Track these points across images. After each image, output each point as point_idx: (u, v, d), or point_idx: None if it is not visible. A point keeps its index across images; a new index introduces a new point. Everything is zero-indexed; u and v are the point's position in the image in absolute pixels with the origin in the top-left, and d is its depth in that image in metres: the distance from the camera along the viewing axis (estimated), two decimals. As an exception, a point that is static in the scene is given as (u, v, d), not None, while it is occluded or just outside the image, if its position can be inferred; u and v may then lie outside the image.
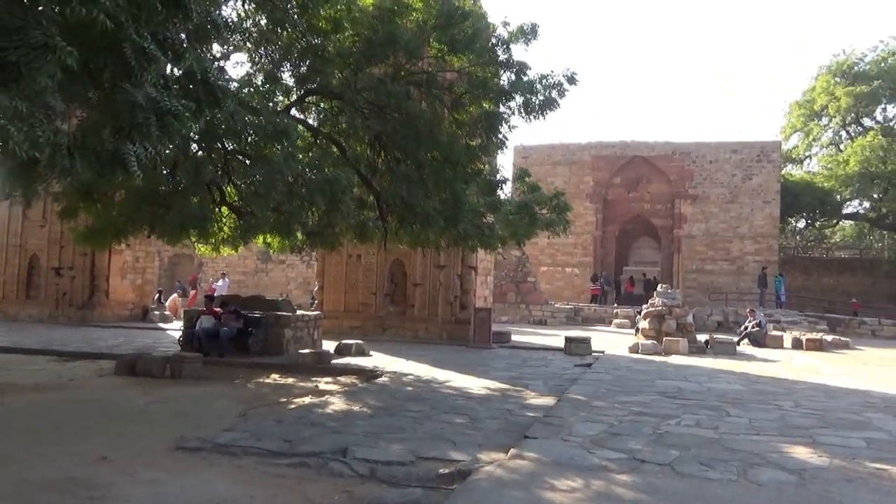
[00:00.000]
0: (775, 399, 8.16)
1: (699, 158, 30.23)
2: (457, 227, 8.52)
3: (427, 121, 8.64)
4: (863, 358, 14.42)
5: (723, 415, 7.06)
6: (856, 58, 34.11)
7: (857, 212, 34.71)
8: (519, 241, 10.32)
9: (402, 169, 8.30)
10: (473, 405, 7.79)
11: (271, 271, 29.33)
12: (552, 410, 7.13)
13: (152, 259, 21.35)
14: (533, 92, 8.64)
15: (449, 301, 15.75)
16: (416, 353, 13.17)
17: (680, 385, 9.25)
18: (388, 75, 8.68)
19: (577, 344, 13.76)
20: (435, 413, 7.23)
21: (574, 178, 31.31)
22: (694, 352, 14.06)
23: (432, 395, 8.41)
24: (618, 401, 7.83)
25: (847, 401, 8.17)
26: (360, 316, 16.34)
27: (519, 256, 25.01)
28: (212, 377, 10.39)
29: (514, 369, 11.14)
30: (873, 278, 32.61)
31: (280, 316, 12.57)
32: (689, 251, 30.09)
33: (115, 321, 18.91)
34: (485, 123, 8.14)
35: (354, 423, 6.69)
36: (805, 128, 36.86)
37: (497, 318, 24.06)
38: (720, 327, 22.01)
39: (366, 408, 7.53)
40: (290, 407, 7.78)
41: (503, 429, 6.54)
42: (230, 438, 5.90)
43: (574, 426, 6.30)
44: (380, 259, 16.24)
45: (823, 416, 7.06)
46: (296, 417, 6.91)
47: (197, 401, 8.29)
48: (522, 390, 9.01)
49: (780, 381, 10.07)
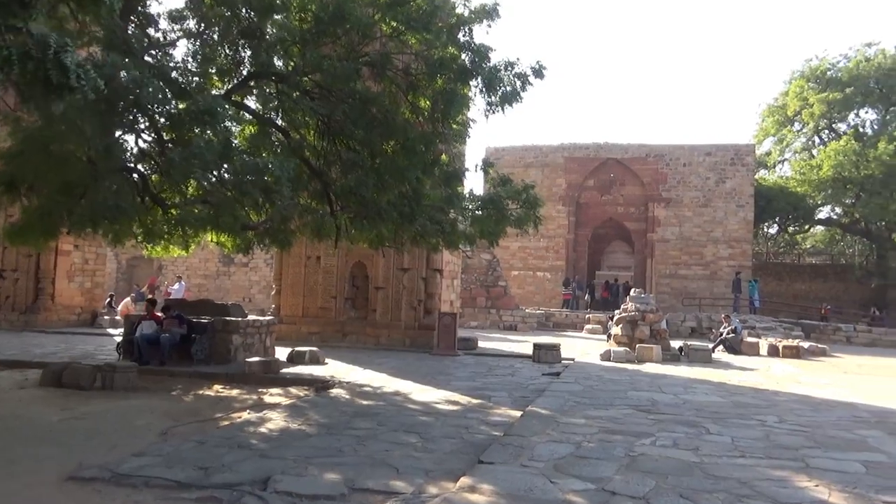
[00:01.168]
0: (757, 413, 7.51)
1: (673, 161, 29.88)
2: (413, 223, 7.73)
3: (382, 105, 7.86)
4: (841, 366, 13.96)
5: (702, 432, 6.37)
6: (828, 63, 34.18)
7: (830, 217, 34.73)
8: (490, 241, 9.56)
9: (351, 157, 7.50)
10: (428, 421, 7.00)
11: (234, 274, 28.22)
12: (513, 428, 6.37)
13: (103, 261, 20.17)
14: (496, 77, 7.91)
15: (413, 306, 14.94)
16: (376, 361, 12.35)
17: (654, 397, 8.57)
18: (339, 56, 7.88)
19: (547, 351, 13.06)
20: (383, 431, 6.43)
21: (546, 181, 30.75)
22: (668, 359, 13.45)
23: (384, 410, 7.60)
24: (587, 415, 7.11)
25: (834, 415, 7.56)
26: (318, 321, 15.44)
27: (489, 260, 24.33)
28: (147, 388, 9.47)
29: (477, 379, 10.38)
30: (845, 284, 32.60)
31: (227, 321, 11.63)
32: (662, 255, 29.69)
33: (61, 326, 17.74)
34: (442, 104, 7.36)
35: (289, 444, 5.85)
36: (778, 133, 36.86)
37: (467, 323, 23.37)
38: (694, 333, 21.57)
39: (307, 425, 6.69)
40: (221, 424, 6.92)
41: (457, 450, 5.76)
42: (136, 466, 5.03)
43: (536, 447, 5.55)
44: (340, 261, 15.37)
45: (812, 433, 6.41)
46: (222, 437, 6.05)
47: (120, 417, 7.38)
48: (484, 403, 8.25)
49: (760, 391, 9.45)
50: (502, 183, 8.97)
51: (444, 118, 7.45)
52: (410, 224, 7.68)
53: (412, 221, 7.69)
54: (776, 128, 36.64)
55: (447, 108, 7.29)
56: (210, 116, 6.17)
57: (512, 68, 8.47)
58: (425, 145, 7.34)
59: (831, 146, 31.08)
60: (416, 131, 7.49)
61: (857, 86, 32.40)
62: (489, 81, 8.07)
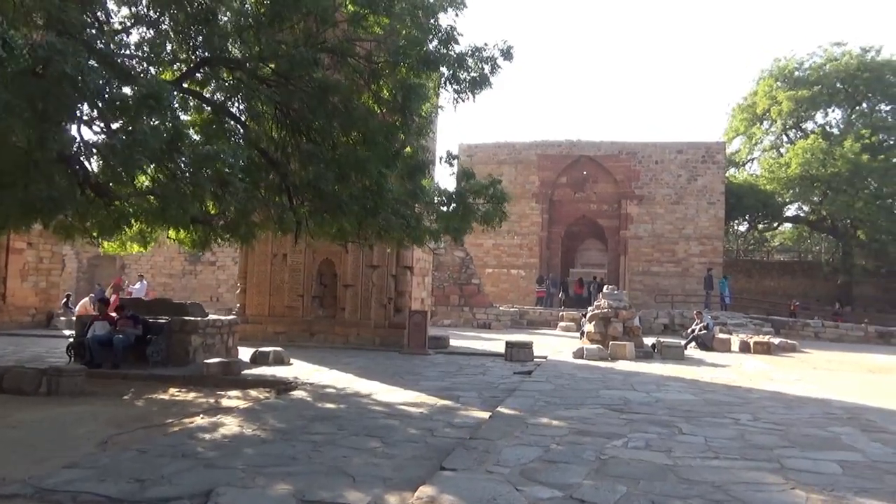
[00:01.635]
0: (731, 411, 7.31)
1: (645, 158, 29.92)
2: (377, 216, 7.37)
3: (342, 94, 7.49)
4: (811, 361, 13.95)
5: (675, 432, 6.12)
6: (796, 63, 34.58)
7: (798, 215, 35.15)
8: (455, 237, 9.24)
9: (309, 148, 7.10)
10: (392, 424, 6.66)
11: (200, 273, 27.49)
12: (480, 430, 6.05)
13: (59, 260, 19.40)
14: (463, 65, 7.59)
15: (382, 304, 14.56)
16: (344, 360, 11.96)
17: (627, 395, 8.33)
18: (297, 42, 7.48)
19: (519, 349, 12.80)
20: (343, 436, 6.07)
21: (520, 178, 30.57)
22: (641, 356, 13.29)
23: (346, 413, 7.23)
24: (557, 416, 6.83)
25: (807, 412, 7.40)
26: (285, 321, 14.97)
27: (463, 257, 24.05)
28: (96, 393, 8.96)
29: (447, 378, 10.06)
30: (812, 281, 33.03)
31: (186, 321, 11.14)
32: (635, 253, 29.72)
33: (13, 328, 16.96)
34: (402, 95, 7.00)
35: (239, 452, 5.46)
36: (747, 131, 37.22)
37: (440, 321, 23.06)
38: (666, 330, 21.55)
39: (262, 430, 6.30)
40: (170, 431, 6.49)
41: (420, 455, 5.43)
42: (64, 479, 4.60)
43: (503, 451, 5.24)
44: (307, 258, 14.93)
45: (786, 432, 6.21)
46: (168, 446, 5.63)
47: (59, 425, 6.90)
48: (452, 404, 7.93)
49: (732, 389, 9.29)
50: (466, 177, 8.66)
51: (405, 109, 7.08)
52: (373, 218, 7.32)
53: (375, 215, 7.32)
54: (746, 126, 37.00)
55: (408, 98, 6.93)
56: (155, 101, 5.74)
57: (479, 53, 8.16)
58: (386, 137, 6.98)
59: (799, 144, 31.45)
60: (377, 122, 7.13)
61: (824, 84, 32.85)
62: (455, 70, 7.75)
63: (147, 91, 5.69)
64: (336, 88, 7.41)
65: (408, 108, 6.99)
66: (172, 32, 7.70)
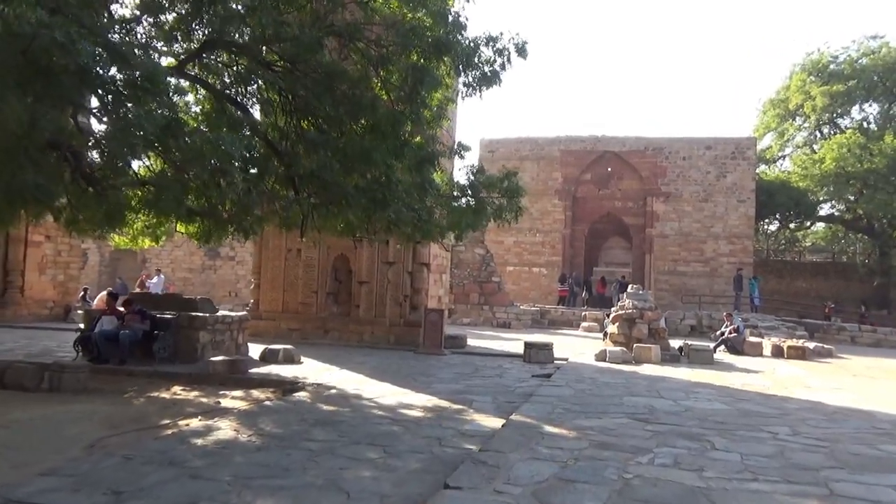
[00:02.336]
0: (767, 423, 6.72)
1: (672, 154, 29.05)
2: (386, 209, 6.91)
3: (350, 80, 7.05)
4: (849, 368, 13.19)
5: (707, 448, 5.58)
6: (830, 56, 33.39)
7: (833, 213, 33.95)
8: (462, 233, 8.75)
9: (314, 137, 6.67)
10: (397, 431, 6.21)
11: (220, 268, 27.38)
12: (492, 441, 5.57)
13: (77, 253, 19.32)
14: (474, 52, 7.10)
15: (398, 301, 14.13)
16: (357, 359, 11.56)
17: (653, 403, 7.78)
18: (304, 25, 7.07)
19: (538, 350, 12.28)
20: (343, 444, 5.64)
21: (542, 174, 29.94)
22: (667, 360, 12.67)
23: (350, 417, 6.81)
24: (577, 426, 6.31)
25: (852, 426, 6.78)
26: (299, 317, 14.63)
27: (483, 255, 23.53)
28: (99, 390, 8.69)
29: (461, 381, 9.59)
30: (847, 282, 31.86)
31: (194, 317, 10.83)
32: (661, 251, 28.89)
33: (31, 321, 16.92)
34: (411, 81, 6.52)
35: (229, 460, 5.06)
36: (779, 127, 36.06)
37: (459, 319, 22.58)
38: (693, 332, 20.81)
39: (258, 436, 5.89)
40: (163, 434, 6.13)
41: (423, 469, 4.97)
42: (37, 489, 4.23)
43: (515, 467, 4.76)
44: (322, 254, 14.56)
45: (832, 449, 5.62)
46: (156, 451, 5.25)
47: (52, 424, 6.60)
48: (465, 409, 7.46)
49: (767, 397, 8.67)
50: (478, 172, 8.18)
51: (414, 96, 6.58)
52: (382, 212, 6.87)
53: (384, 209, 6.87)
54: (777, 122, 35.85)
55: (417, 84, 6.44)
56: (150, 83, 5.37)
57: (493, 43, 7.70)
58: (394, 125, 6.52)
59: (835, 140, 30.31)
60: (384, 109, 6.67)
61: (860, 78, 31.63)
62: (467, 57, 7.27)
63: (143, 73, 5.31)
64: (343, 74, 6.99)
65: (417, 94, 6.51)
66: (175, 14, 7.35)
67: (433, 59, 7.08)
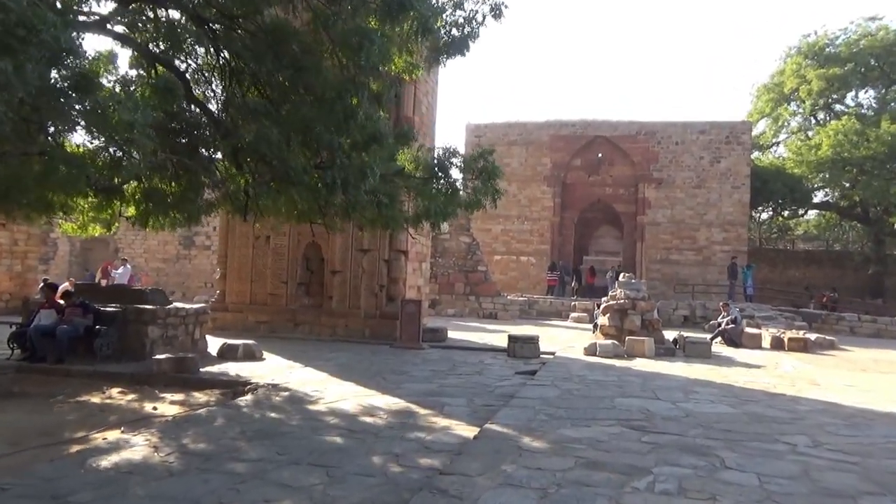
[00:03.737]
0: (781, 431, 5.81)
1: (665, 139, 28.10)
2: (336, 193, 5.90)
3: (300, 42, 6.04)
4: (856, 361, 12.35)
5: (716, 465, 4.65)
6: (827, 39, 32.46)
7: (827, 201, 33.18)
8: (435, 222, 7.77)
9: (252, 102, 5.66)
10: (349, 446, 5.25)
11: (195, 258, 26.22)
12: (457, 461, 4.61)
13: (37, 242, 18.17)
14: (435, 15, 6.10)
15: (374, 292, 13.14)
16: (326, 355, 10.59)
17: (649, 406, 6.85)
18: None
19: (523, 344, 11.35)
20: (278, 465, 4.66)
21: (531, 160, 28.92)
22: (661, 353, 11.77)
23: (297, 428, 5.83)
24: (561, 437, 5.37)
25: (879, 432, 5.88)
26: (268, 309, 13.62)
27: (469, 243, 22.55)
28: (25, 394, 7.72)
29: (436, 379, 8.64)
30: (842, 271, 31.15)
31: (142, 310, 9.81)
32: (653, 239, 28.00)
33: (-16, 314, 15.83)
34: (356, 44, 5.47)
35: (128, 491, 4.08)
36: (773, 112, 35.16)
37: (443, 310, 21.61)
38: (686, 322, 19.98)
39: (177, 454, 4.90)
40: (66, 452, 5.13)
41: (370, 500, 4.00)
42: None
43: (482, 498, 3.81)
44: (292, 241, 13.54)
45: (864, 465, 4.71)
46: (41, 480, 4.25)
47: (-57, 439, 5.58)
48: (434, 414, 6.50)
49: (775, 397, 7.77)
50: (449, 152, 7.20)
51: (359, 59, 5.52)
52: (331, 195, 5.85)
53: (333, 191, 5.85)
54: (771, 107, 34.93)
55: (361, 48, 5.40)
56: (28, 32, 4.33)
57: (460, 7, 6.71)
58: (339, 94, 5.49)
59: (831, 126, 29.45)
60: (330, 75, 5.66)
61: (857, 61, 30.74)
62: (425, 21, 6.26)
63: (16, 19, 4.26)
64: (291, 35, 5.95)
65: (358, 57, 5.47)
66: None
67: (387, 20, 6.06)
